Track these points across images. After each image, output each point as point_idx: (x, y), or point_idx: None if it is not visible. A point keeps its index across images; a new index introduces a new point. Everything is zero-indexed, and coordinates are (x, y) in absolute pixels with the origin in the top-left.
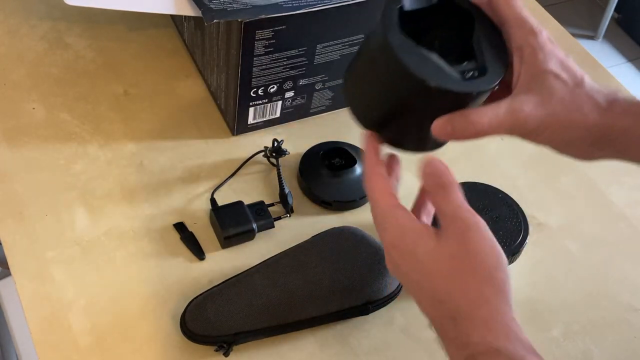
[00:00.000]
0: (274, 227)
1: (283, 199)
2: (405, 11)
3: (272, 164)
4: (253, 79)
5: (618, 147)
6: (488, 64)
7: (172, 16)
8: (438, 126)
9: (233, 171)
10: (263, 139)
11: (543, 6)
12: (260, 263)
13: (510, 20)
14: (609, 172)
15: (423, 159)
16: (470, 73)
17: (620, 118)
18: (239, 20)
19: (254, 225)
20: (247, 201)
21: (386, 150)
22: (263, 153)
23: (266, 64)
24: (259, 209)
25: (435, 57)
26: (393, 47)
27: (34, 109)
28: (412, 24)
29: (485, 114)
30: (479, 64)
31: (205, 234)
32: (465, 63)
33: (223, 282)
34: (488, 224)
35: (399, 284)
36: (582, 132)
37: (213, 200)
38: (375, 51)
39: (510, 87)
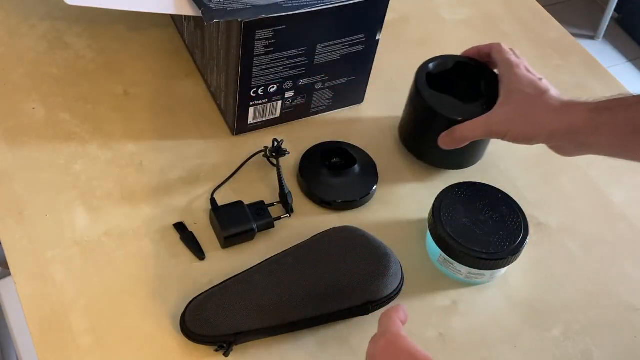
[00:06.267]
0: (274, 227)
1: (283, 199)
2: (433, 73)
3: (272, 164)
4: (253, 79)
5: (580, 141)
6: (488, 99)
7: (172, 16)
8: (440, 138)
9: (233, 171)
10: (263, 139)
11: (543, 6)
12: (260, 263)
13: (499, 62)
14: (609, 172)
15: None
16: (484, 106)
17: (573, 116)
18: (239, 20)
19: (254, 225)
20: (247, 201)
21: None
22: (263, 153)
23: (266, 64)
24: (259, 209)
25: (450, 99)
26: (424, 97)
27: (33, 108)
28: (438, 81)
29: (467, 127)
30: (485, 99)
31: (205, 234)
32: (478, 101)
33: (223, 282)
34: (488, 224)
35: (399, 284)
36: (536, 128)
37: (213, 200)
38: (415, 102)
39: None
